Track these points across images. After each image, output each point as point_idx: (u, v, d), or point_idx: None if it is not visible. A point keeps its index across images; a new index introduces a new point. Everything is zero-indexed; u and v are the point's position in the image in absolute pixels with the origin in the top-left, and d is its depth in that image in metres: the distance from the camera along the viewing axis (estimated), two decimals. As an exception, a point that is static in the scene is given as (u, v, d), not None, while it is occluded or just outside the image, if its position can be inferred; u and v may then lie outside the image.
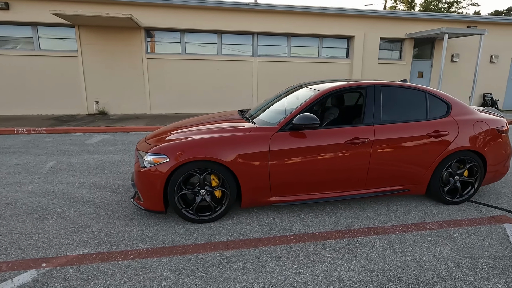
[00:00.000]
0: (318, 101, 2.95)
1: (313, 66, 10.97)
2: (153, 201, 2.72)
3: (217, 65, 10.35)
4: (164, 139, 2.95)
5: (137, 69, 9.88)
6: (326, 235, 2.63)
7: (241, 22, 10.04)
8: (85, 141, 6.14)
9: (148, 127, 7.37)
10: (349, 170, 2.92)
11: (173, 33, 10.05)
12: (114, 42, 9.58)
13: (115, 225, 2.75)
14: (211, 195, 2.79)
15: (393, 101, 3.09)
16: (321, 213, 3.04)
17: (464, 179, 3.21)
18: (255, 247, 2.42)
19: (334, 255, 2.33)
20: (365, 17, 10.71)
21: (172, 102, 10.30)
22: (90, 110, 9.85)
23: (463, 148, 3.07)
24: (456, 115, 3.17)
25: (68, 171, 4.24)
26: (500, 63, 12.08)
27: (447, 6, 23.84)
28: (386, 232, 2.69)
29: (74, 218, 2.87)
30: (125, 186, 3.69)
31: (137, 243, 2.47)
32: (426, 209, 3.13)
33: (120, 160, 4.81)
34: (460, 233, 2.66)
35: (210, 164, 2.66)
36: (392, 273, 2.13)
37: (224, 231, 2.68)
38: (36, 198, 3.32)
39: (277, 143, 2.76)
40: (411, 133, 2.99)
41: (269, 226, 2.78)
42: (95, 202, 3.24)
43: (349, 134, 2.89)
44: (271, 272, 2.12)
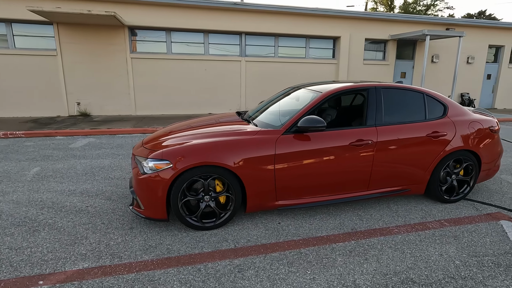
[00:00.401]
0: (321, 103, 2.93)
1: (300, 67, 11.03)
2: (155, 209, 2.60)
3: (205, 65, 10.18)
4: (163, 143, 2.83)
5: (121, 69, 9.53)
6: (334, 238, 2.61)
7: (229, 21, 9.93)
8: (69, 145, 5.84)
9: (135, 129, 7.12)
10: (353, 172, 2.92)
11: (158, 32, 9.78)
12: (96, 41, 9.19)
13: (114, 236, 2.60)
14: (215, 201, 2.70)
15: (393, 103, 3.13)
16: (325, 215, 3.02)
17: (460, 178, 3.31)
18: (265, 254, 2.37)
19: (345, 258, 2.32)
20: (350, 18, 10.90)
21: (158, 103, 10.03)
22: (71, 111, 9.40)
23: (460, 148, 3.16)
24: (452, 116, 3.25)
25: (55, 178, 4.00)
26: (476, 64, 12.67)
27: (424, 9, 24.81)
28: (392, 232, 2.71)
29: (68, 230, 2.69)
30: (119, 193, 3.52)
31: (141, 254, 2.35)
32: (426, 208, 3.20)
33: (110, 165, 4.60)
34: (462, 232, 2.73)
35: (215, 169, 2.57)
36: (405, 275, 2.14)
37: (230, 237, 2.60)
38: (23, 209, 3.09)
39: (283, 146, 2.71)
40: (412, 134, 3.04)
41: (275, 230, 2.73)
42: (89, 211, 3.06)
43: (353, 136, 2.89)
44: (285, 280, 2.07)
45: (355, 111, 3.21)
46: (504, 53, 12.93)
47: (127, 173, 4.23)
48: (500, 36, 12.66)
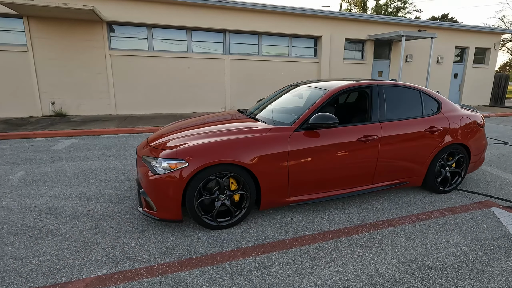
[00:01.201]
0: (329, 100, 3.00)
1: (283, 65, 11.16)
2: (169, 210, 2.53)
3: (188, 63, 9.98)
4: (172, 142, 2.76)
5: (99, 66, 9.08)
6: (347, 231, 2.70)
7: (212, 18, 9.80)
8: (51, 147, 5.48)
9: (120, 129, 6.83)
10: (360, 166, 3.03)
11: (139, 28, 9.44)
12: (71, 36, 8.68)
13: (127, 239, 2.50)
14: (230, 199, 2.68)
15: (394, 100, 3.28)
16: (334, 209, 3.11)
17: (453, 170, 3.55)
18: (286, 249, 2.40)
19: (363, 250, 2.41)
20: (331, 19, 11.19)
21: (140, 102, 9.68)
22: (45, 111, 8.81)
23: (454, 142, 3.38)
24: (446, 112, 3.47)
25: (45, 182, 3.74)
26: (444, 64, 13.54)
27: (395, 11, 26.12)
28: (399, 223, 2.85)
29: (74, 235, 2.54)
30: (119, 195, 3.38)
31: (160, 256, 2.28)
32: (424, 199, 3.39)
33: (102, 166, 4.39)
34: (460, 219, 2.94)
35: (231, 167, 2.55)
36: (421, 261, 2.26)
37: (247, 235, 2.60)
38: (17, 216, 2.87)
39: (295, 143, 2.75)
40: (412, 129, 3.21)
41: (290, 226, 2.76)
42: (92, 215, 2.91)
43: (359, 132, 3.00)
44: (312, 273, 2.11)
45: (358, 108, 3.32)
46: (469, 54, 13.94)
47: (123, 174, 4.06)
48: (465, 38, 13.62)
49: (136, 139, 6.21)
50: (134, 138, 6.31)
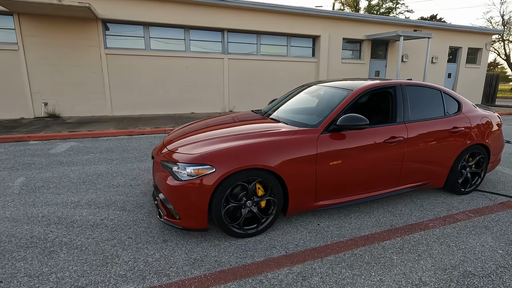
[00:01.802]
0: (355, 100, 2.90)
1: (282, 65, 11.06)
2: (195, 219, 2.37)
3: (186, 62, 9.76)
4: (192, 146, 2.60)
5: (94, 66, 8.76)
6: (378, 236, 2.60)
7: (210, 17, 9.61)
8: (49, 150, 5.21)
9: (119, 131, 6.58)
10: (386, 169, 2.94)
11: (135, 27, 9.16)
12: (65, 35, 8.34)
13: (149, 251, 2.33)
14: (257, 205, 2.54)
15: (417, 100, 3.21)
16: (359, 213, 3.01)
17: (473, 170, 3.51)
18: (321, 258, 2.28)
19: (400, 256, 2.31)
20: (329, 18, 11.16)
21: (137, 102, 9.41)
22: (37, 113, 8.44)
23: (475, 142, 3.34)
24: (466, 112, 3.43)
25: (48, 189, 3.51)
26: (439, 63, 13.73)
27: (387, 12, 26.43)
28: (428, 227, 2.77)
29: (91, 248, 2.36)
30: (132, 202, 3.19)
31: (189, 269, 2.12)
32: (446, 201, 3.34)
33: (108, 171, 4.17)
34: (488, 221, 2.89)
35: (259, 172, 2.42)
36: (462, 268, 2.18)
37: (277, 243, 2.47)
38: (24, 227, 2.65)
39: (323, 145, 2.64)
40: (436, 130, 3.14)
41: (319, 233, 2.65)
42: (107, 224, 2.72)
43: (386, 133, 2.91)
44: (354, 284, 2.00)
45: (381, 108, 3.24)
46: (462, 54, 14.18)
47: (131, 179, 3.86)
48: (458, 39, 13.85)
49: (138, 141, 5.99)
50: (136, 140, 6.08)
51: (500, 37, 26.46)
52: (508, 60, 28.25)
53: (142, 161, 4.66)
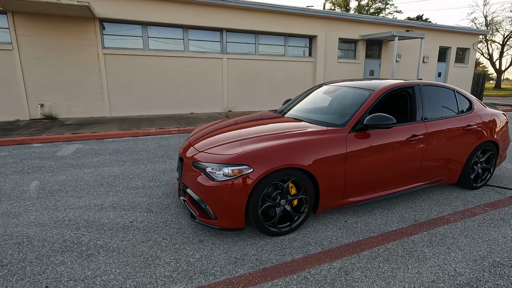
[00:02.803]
0: (378, 100, 2.99)
1: (280, 64, 11.14)
2: (232, 219, 2.40)
3: (185, 62, 9.69)
4: (222, 147, 2.62)
5: (91, 66, 8.59)
6: (406, 231, 2.70)
7: (209, 17, 9.57)
8: (55, 153, 5.09)
9: (124, 132, 6.49)
10: (408, 166, 3.05)
11: (133, 26, 9.03)
12: (61, 34, 8.14)
13: (188, 251, 2.35)
14: (290, 204, 2.60)
15: (433, 99, 3.33)
16: (382, 210, 3.11)
17: (484, 166, 3.67)
18: (357, 253, 2.35)
19: (431, 249, 2.41)
20: (326, 18, 11.31)
21: (135, 103, 9.28)
22: (32, 114, 8.21)
23: (487, 139, 3.50)
24: (477, 111, 3.58)
25: (67, 192, 3.46)
26: (429, 63, 14.14)
27: (377, 12, 26.99)
28: (450, 221, 2.90)
29: (129, 250, 2.35)
30: (157, 204, 3.18)
31: (233, 268, 2.15)
32: (460, 196, 3.48)
33: (122, 173, 4.13)
34: (504, 214, 3.04)
35: (293, 171, 2.47)
36: (491, 258, 2.30)
37: (311, 240, 2.53)
38: (54, 231, 2.61)
39: (351, 144, 2.72)
40: (453, 127, 3.28)
41: (349, 229, 2.72)
42: (138, 227, 2.71)
43: (407, 131, 3.01)
44: (395, 277, 2.09)
45: (401, 108, 3.33)
46: (451, 54, 14.65)
47: (149, 181, 3.84)
48: (447, 39, 14.30)
49: (144, 143, 5.93)
50: (142, 142, 6.01)
51: (484, 37, 27.44)
52: (491, 59, 29.34)
53: (155, 162, 4.63)
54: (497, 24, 27.63)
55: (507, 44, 28.16)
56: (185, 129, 7.00)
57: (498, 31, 27.75)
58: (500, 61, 28.92)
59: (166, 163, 4.58)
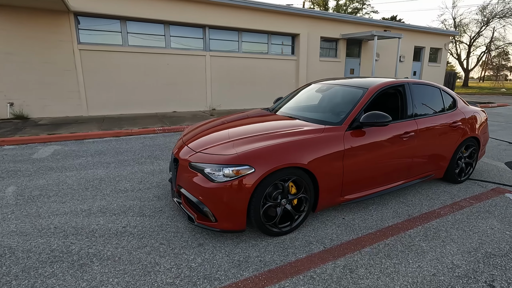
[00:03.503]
0: (372, 98, 3.03)
1: (263, 62, 11.11)
2: (233, 220, 2.34)
3: (166, 59, 9.41)
4: (220, 147, 2.55)
5: (66, 62, 8.12)
6: (401, 226, 2.77)
7: (191, 13, 9.35)
8: (31, 155, 4.76)
9: (105, 132, 6.19)
10: (400, 162, 3.13)
11: (111, 21, 8.63)
12: (31, 28, 7.61)
13: (188, 256, 2.26)
14: (290, 203, 2.57)
15: (421, 97, 3.44)
16: (376, 206, 3.17)
17: (467, 161, 3.85)
18: (358, 250, 2.37)
19: (427, 243, 2.49)
20: (308, 17, 11.41)
21: (115, 101, 8.89)
22: (1, 114, 7.64)
23: (470, 135, 3.67)
24: (461, 108, 3.75)
25: (49, 197, 3.23)
26: (406, 62, 14.69)
27: (354, 12, 27.68)
28: (440, 214, 3.01)
29: (124, 257, 2.23)
30: (149, 207, 3.05)
31: (238, 271, 2.10)
32: (446, 190, 3.63)
33: (108, 175, 3.92)
34: (488, 206, 3.20)
35: (294, 170, 2.45)
36: (483, 250, 2.41)
37: (312, 239, 2.52)
38: (39, 240, 2.42)
39: (349, 142, 2.74)
40: (440, 124, 3.40)
41: (347, 226, 2.75)
42: (131, 232, 2.58)
43: (400, 128, 3.08)
44: (398, 272, 2.12)
45: (392, 105, 3.40)
46: (425, 54, 15.31)
47: (138, 183, 3.68)
48: (422, 39, 14.92)
49: (128, 143, 5.69)
50: (125, 142, 5.76)
51: (453, 38, 28.98)
52: (459, 59, 31.05)
53: (142, 163, 4.45)
54: (465, 25, 29.26)
55: (473, 45, 29.93)
56: (170, 129, 6.80)
57: (466, 33, 29.41)
58: (467, 61, 30.69)
59: (153, 164, 4.41)
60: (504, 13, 26.79)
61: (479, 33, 29.00)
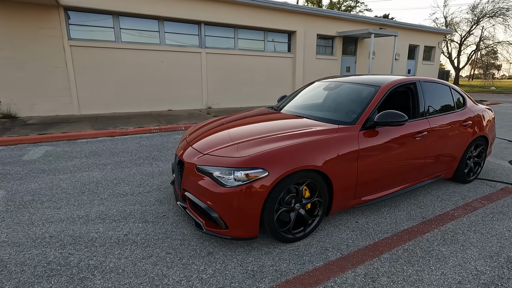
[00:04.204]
0: (385, 96, 2.91)
1: (259, 60, 10.94)
2: (246, 227, 2.19)
3: (161, 56, 9.15)
4: (229, 149, 2.40)
5: (56, 59, 7.80)
6: (417, 229, 2.67)
7: (186, 8, 9.10)
8: (21, 157, 4.50)
9: (99, 132, 5.94)
10: (413, 162, 3.02)
11: (103, 16, 8.33)
12: (18, 23, 7.27)
13: (199, 266, 2.10)
14: (304, 208, 2.44)
15: (432, 95, 3.34)
16: (388, 208, 3.07)
17: (475, 160, 3.78)
18: (377, 256, 2.26)
19: (447, 248, 2.39)
20: (305, 14, 11.28)
21: (108, 100, 8.60)
22: (-13, 113, 7.28)
23: (479, 134, 3.60)
24: (470, 107, 3.67)
25: (42, 203, 3.02)
26: (400, 60, 14.73)
27: (347, 10, 27.68)
28: (455, 216, 2.92)
29: (129, 269, 2.05)
30: (152, 212, 2.87)
31: (253, 282, 1.95)
32: (456, 190, 3.55)
33: (105, 178, 3.72)
34: (501, 207, 3.13)
35: (310, 173, 2.31)
36: (505, 254, 2.32)
37: (328, 245, 2.39)
38: (33, 251, 2.23)
39: (363, 142, 2.61)
40: (452, 123, 3.31)
41: (362, 230, 2.63)
42: (135, 240, 2.40)
43: (413, 127, 2.98)
44: (422, 280, 2.01)
45: (403, 104, 3.29)
46: (419, 52, 15.38)
47: (137, 186, 3.49)
48: (416, 37, 14.98)
49: (124, 143, 5.46)
50: (121, 142, 5.54)
51: (445, 37, 29.31)
52: (450, 57, 31.44)
53: (140, 164, 4.25)
54: (456, 24, 29.62)
55: (464, 43, 30.33)
56: (167, 128, 6.59)
57: (456, 31, 29.77)
58: (458, 60, 31.11)
59: (152, 165, 4.22)
60: (494, 12, 27.23)
61: (469, 32, 29.42)
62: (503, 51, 46.46)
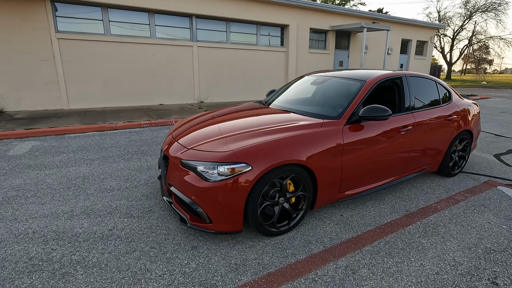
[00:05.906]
0: (370, 90, 2.93)
1: (252, 54, 10.87)
2: (229, 221, 2.21)
3: (151, 49, 9.03)
4: (213, 143, 2.39)
5: (43, 52, 7.64)
6: (400, 222, 2.72)
7: (177, 0, 8.95)
8: (6, 152, 4.43)
9: (87, 126, 5.87)
10: (398, 156, 3.06)
11: (91, 8, 8.16)
12: (3, 15, 7.11)
13: (182, 260, 2.12)
14: (288, 202, 2.46)
15: (418, 89, 3.37)
16: (373, 201, 3.11)
17: (460, 154, 3.85)
18: (359, 249, 2.30)
19: (427, 240, 2.44)
20: (297, 8, 11.20)
21: (97, 94, 8.48)
22: (-27, 108, 7.12)
23: (464, 128, 3.65)
24: (455, 101, 3.71)
25: (26, 198, 2.99)
26: (393, 55, 14.78)
27: (342, 3, 27.55)
28: (437, 209, 2.98)
29: (112, 264, 2.06)
30: (137, 207, 2.87)
31: (236, 276, 1.97)
32: (441, 184, 3.62)
33: (91, 173, 3.69)
34: (483, 200, 3.20)
35: (294, 167, 2.32)
36: (483, 245, 2.38)
37: (311, 238, 2.43)
38: (15, 247, 2.21)
39: (348, 136, 2.63)
40: (437, 117, 3.35)
41: (346, 223, 2.67)
42: (118, 235, 2.40)
43: (398, 122, 3.01)
44: (401, 271, 2.06)
45: (389, 98, 3.32)
46: (412, 46, 15.44)
47: (124, 181, 3.47)
48: (409, 32, 15.02)
49: (113, 138, 5.41)
50: (110, 137, 5.48)
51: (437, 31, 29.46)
52: (443, 52, 31.65)
53: (128, 159, 4.23)
54: (449, 19, 29.76)
55: (456, 38, 30.53)
56: (157, 122, 6.54)
57: (449, 26, 29.93)
58: (450, 54, 31.34)
59: (141, 160, 4.19)
60: (486, 7, 27.41)
61: (462, 26, 29.61)
62: (495, 46, 46.90)
